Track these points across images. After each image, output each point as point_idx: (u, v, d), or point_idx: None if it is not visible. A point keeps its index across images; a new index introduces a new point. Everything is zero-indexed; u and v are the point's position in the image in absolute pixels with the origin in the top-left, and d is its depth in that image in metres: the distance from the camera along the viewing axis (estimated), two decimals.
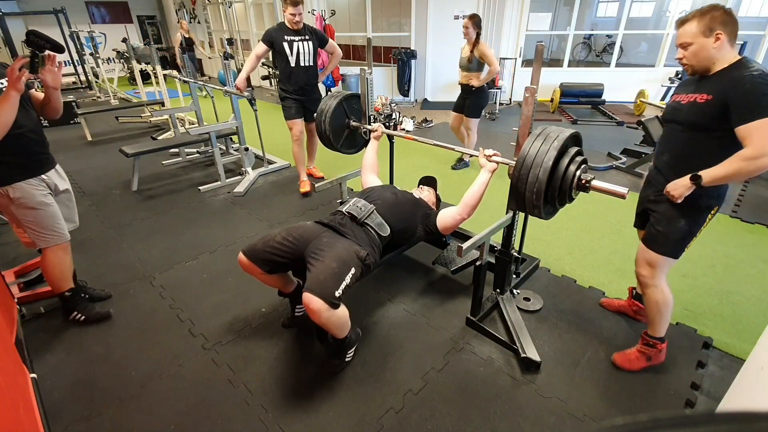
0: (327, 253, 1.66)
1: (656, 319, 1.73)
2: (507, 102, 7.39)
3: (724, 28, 1.36)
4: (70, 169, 4.32)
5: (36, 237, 1.91)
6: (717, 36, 1.36)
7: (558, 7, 10.91)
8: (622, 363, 1.82)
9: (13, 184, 1.78)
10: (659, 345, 1.77)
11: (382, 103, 6.14)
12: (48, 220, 1.91)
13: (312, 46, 3.35)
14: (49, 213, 1.91)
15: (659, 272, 1.66)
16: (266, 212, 3.40)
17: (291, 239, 1.78)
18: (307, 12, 7.18)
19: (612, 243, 2.80)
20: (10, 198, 1.79)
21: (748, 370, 1.42)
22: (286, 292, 2.03)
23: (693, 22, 1.39)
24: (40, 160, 1.90)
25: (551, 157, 1.45)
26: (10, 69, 1.57)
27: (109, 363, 1.91)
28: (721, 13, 1.36)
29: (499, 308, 2.15)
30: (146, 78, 7.78)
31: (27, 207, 1.83)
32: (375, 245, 1.87)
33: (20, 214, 1.84)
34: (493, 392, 1.73)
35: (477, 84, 3.76)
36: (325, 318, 1.52)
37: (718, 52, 1.39)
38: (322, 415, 1.64)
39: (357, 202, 1.98)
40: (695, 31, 1.39)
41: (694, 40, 1.40)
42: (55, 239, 1.95)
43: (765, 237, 2.84)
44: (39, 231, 1.90)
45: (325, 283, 1.53)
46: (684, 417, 0.25)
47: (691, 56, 1.43)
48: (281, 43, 3.24)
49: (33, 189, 1.84)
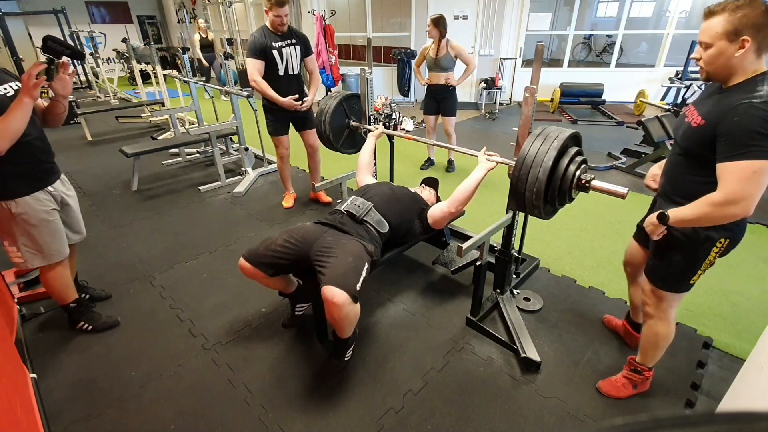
0: (338, 250, 1.67)
1: (649, 351, 1.60)
2: (507, 102, 7.39)
3: (755, 33, 1.08)
4: (70, 169, 4.32)
5: (31, 257, 1.76)
6: (743, 42, 1.10)
7: (558, 7, 10.91)
8: (609, 390, 1.71)
9: (16, 198, 1.64)
10: (647, 373, 1.66)
11: (382, 103, 6.14)
12: (47, 238, 1.76)
13: (299, 51, 3.02)
14: (50, 230, 1.77)
15: (666, 305, 1.50)
16: (266, 212, 3.40)
17: (294, 241, 1.77)
18: (307, 12, 7.18)
19: (612, 243, 2.79)
20: (11, 213, 1.65)
21: (748, 370, 1.43)
22: (286, 292, 2.03)
23: (721, 17, 1.11)
24: (46, 170, 1.77)
25: (551, 157, 1.45)
26: (26, 75, 1.46)
27: (109, 363, 1.91)
28: (760, 12, 1.07)
29: (499, 308, 2.15)
30: (146, 78, 7.78)
31: (28, 224, 1.69)
32: (376, 242, 1.87)
33: (18, 230, 1.69)
34: (493, 392, 1.73)
35: (455, 84, 3.76)
36: (345, 312, 1.53)
37: (741, 62, 1.13)
38: (322, 415, 1.64)
39: (355, 200, 1.98)
40: (719, 31, 1.12)
41: (714, 42, 1.14)
42: (51, 258, 1.82)
43: (765, 237, 2.85)
44: (34, 251, 1.75)
45: (346, 275, 1.55)
46: (684, 417, 0.25)
47: (708, 60, 1.18)
48: (271, 51, 2.91)
49: (37, 204, 1.70)
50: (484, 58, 7.06)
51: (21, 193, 1.65)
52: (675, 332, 1.56)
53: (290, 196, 3.55)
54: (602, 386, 1.73)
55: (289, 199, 3.53)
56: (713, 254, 1.34)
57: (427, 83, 3.89)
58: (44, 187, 1.75)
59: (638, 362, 1.65)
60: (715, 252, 1.34)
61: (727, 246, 1.34)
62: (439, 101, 3.90)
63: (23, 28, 9.25)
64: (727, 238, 1.31)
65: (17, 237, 1.71)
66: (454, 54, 3.68)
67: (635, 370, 1.66)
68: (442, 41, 3.66)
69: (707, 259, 1.35)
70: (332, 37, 6.80)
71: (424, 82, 3.93)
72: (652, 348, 1.59)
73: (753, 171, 1.09)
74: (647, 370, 1.66)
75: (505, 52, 7.08)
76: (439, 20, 3.61)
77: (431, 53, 3.76)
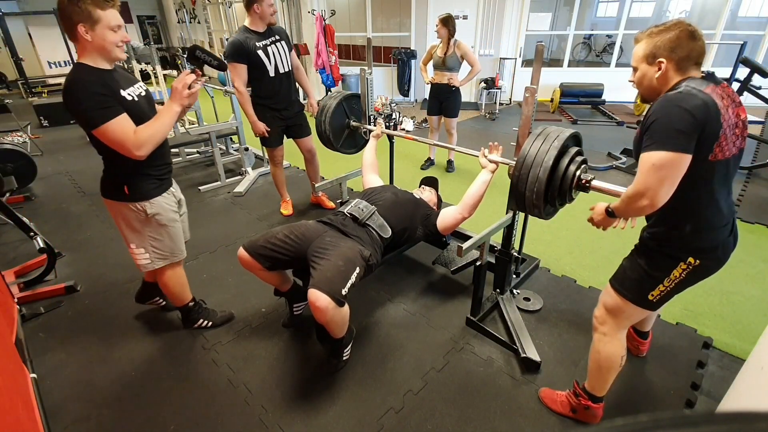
0: (332, 252, 1.66)
1: (593, 372, 1.49)
2: (507, 102, 7.39)
3: (669, 54, 1.14)
4: (70, 169, 4.33)
5: (158, 257, 1.78)
6: (659, 64, 1.16)
7: (558, 7, 10.90)
8: (545, 398, 1.66)
9: (151, 199, 1.66)
10: (585, 400, 1.51)
11: (382, 103, 6.14)
12: (175, 238, 1.80)
13: (286, 47, 2.76)
14: (176, 230, 1.80)
15: (615, 319, 1.40)
16: (266, 212, 3.40)
17: (293, 237, 1.78)
18: (307, 12, 7.18)
19: (612, 243, 2.80)
20: (146, 214, 1.66)
21: (748, 370, 1.43)
22: (282, 290, 2.04)
23: (642, 43, 1.20)
24: (169, 171, 1.77)
25: (551, 157, 1.45)
26: (181, 84, 1.49)
27: (109, 363, 1.91)
28: (673, 36, 1.13)
29: (499, 308, 2.15)
30: (146, 78, 7.76)
31: (160, 224, 1.71)
32: (377, 246, 1.88)
33: (150, 231, 1.71)
34: (493, 392, 1.73)
35: (458, 84, 3.78)
36: (330, 316, 1.53)
37: (664, 82, 1.18)
38: (322, 415, 1.64)
39: (359, 204, 1.99)
40: (640, 55, 1.21)
41: (638, 65, 1.22)
42: (175, 258, 1.84)
43: (765, 237, 2.84)
44: (162, 251, 1.77)
45: (332, 280, 1.54)
46: (684, 417, 0.25)
47: (637, 82, 1.26)
48: (255, 53, 2.60)
49: (167, 205, 1.73)
50: (484, 58, 7.06)
51: (154, 194, 1.67)
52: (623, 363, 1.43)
53: (287, 203, 3.37)
54: (543, 394, 1.68)
55: (287, 206, 3.35)
56: (678, 272, 1.24)
57: (431, 81, 3.89)
58: (169, 188, 1.77)
59: (581, 386, 1.54)
60: (682, 270, 1.24)
61: (697, 268, 1.23)
62: (442, 101, 3.90)
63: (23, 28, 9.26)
64: (698, 259, 1.22)
65: (147, 238, 1.73)
66: (460, 54, 3.70)
67: (576, 393, 1.56)
68: (451, 41, 3.67)
69: (670, 276, 1.26)
70: (332, 37, 6.80)
71: (428, 80, 3.93)
72: (595, 370, 1.47)
73: (651, 163, 1.10)
74: (585, 398, 1.52)
75: (505, 52, 7.08)
76: (448, 19, 3.62)
77: (438, 52, 3.77)
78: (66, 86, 1.42)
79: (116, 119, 1.43)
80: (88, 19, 1.37)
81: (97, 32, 1.39)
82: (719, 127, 1.08)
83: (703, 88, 1.09)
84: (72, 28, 1.37)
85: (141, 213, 1.66)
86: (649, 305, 1.32)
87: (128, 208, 1.65)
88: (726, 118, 1.09)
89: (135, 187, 1.63)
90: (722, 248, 1.24)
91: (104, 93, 1.42)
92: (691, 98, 1.06)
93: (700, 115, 1.05)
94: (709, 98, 1.07)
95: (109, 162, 1.61)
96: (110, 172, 1.64)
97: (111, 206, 1.68)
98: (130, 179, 1.62)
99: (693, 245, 1.22)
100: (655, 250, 1.29)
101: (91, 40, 1.40)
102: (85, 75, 1.42)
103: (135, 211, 1.65)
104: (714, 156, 1.11)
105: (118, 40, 1.44)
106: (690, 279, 1.26)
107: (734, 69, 3.88)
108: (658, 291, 1.29)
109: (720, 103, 1.08)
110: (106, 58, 1.46)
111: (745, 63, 3.73)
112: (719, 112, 1.07)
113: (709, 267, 1.25)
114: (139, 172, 1.62)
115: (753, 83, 3.83)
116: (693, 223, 1.20)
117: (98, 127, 1.41)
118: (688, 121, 1.05)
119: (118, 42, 1.45)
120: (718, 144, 1.10)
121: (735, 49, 3.97)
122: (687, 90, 1.09)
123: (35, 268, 2.51)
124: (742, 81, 3.83)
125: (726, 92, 1.14)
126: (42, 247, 2.34)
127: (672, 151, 1.07)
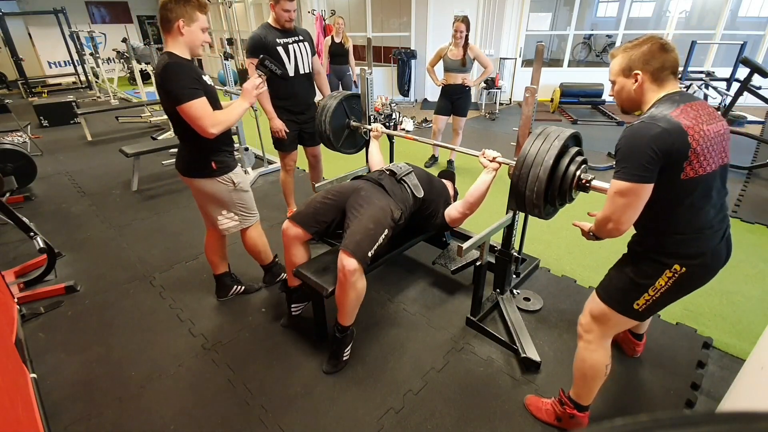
0: (365, 210, 1.79)
1: (578, 381, 1.48)
2: (507, 102, 7.39)
3: (644, 66, 1.19)
4: (70, 169, 4.34)
5: (244, 219, 2.07)
6: (635, 76, 1.21)
7: (558, 7, 10.90)
8: (530, 406, 1.64)
9: (234, 171, 1.95)
10: (570, 409, 1.50)
11: (382, 103, 6.14)
12: (252, 201, 2.10)
13: (309, 48, 2.72)
14: (251, 194, 2.10)
15: (600, 327, 1.38)
16: (267, 212, 3.39)
17: (331, 196, 1.94)
18: (307, 12, 7.18)
19: (612, 243, 2.76)
20: (234, 183, 1.94)
21: (748, 370, 1.43)
22: (291, 285, 2.06)
23: (618, 57, 1.25)
24: (234, 149, 2.07)
25: (552, 157, 1.45)
26: (251, 86, 1.81)
27: (109, 363, 1.91)
28: (645, 50, 1.18)
29: (499, 308, 2.15)
30: (146, 78, 7.77)
31: (243, 191, 2.01)
32: (407, 205, 1.96)
33: (237, 198, 1.99)
34: (493, 392, 1.73)
35: (472, 84, 3.80)
36: (352, 281, 1.64)
37: (641, 94, 1.22)
38: (322, 415, 1.64)
39: (398, 163, 2.12)
40: (617, 69, 1.25)
41: (616, 79, 1.27)
42: (255, 217, 2.15)
43: (765, 237, 2.84)
44: (247, 213, 2.08)
45: (360, 243, 1.67)
46: (684, 417, 0.25)
47: (615, 95, 1.30)
48: (275, 48, 2.54)
49: (242, 173, 2.02)
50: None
51: (234, 167, 1.96)
52: (608, 372, 1.43)
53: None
54: (529, 401, 1.66)
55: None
56: (664, 280, 1.23)
57: (443, 83, 3.87)
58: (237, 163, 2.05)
59: (567, 394, 1.53)
60: (668, 278, 1.23)
61: (684, 277, 1.22)
62: (453, 101, 3.90)
63: (23, 28, 9.26)
64: (684, 266, 1.21)
65: (237, 205, 2.01)
66: (473, 56, 3.70)
67: (561, 401, 1.54)
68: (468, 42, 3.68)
69: (656, 284, 1.24)
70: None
71: (439, 82, 3.90)
72: (580, 378, 1.46)
73: (614, 191, 1.16)
74: (570, 407, 1.50)
75: (505, 52, 7.08)
76: (467, 19, 3.65)
77: (450, 54, 3.74)
78: (164, 66, 1.65)
79: (200, 99, 1.69)
80: (188, 18, 1.66)
81: (192, 29, 1.68)
82: (687, 148, 1.09)
83: (671, 111, 1.12)
84: (172, 22, 1.64)
85: (230, 184, 1.93)
86: (635, 315, 1.31)
87: (218, 183, 1.90)
88: (697, 137, 1.10)
89: (221, 162, 1.89)
90: (711, 254, 1.23)
91: (195, 77, 1.69)
92: (652, 128, 1.09)
93: (661, 145, 1.08)
94: (674, 123, 1.09)
95: (196, 144, 1.82)
96: (196, 153, 1.86)
97: (199, 184, 1.90)
98: (216, 155, 1.88)
99: (680, 251, 1.22)
100: (641, 256, 1.30)
101: (184, 35, 1.68)
102: (182, 60, 1.69)
103: (224, 183, 1.92)
104: (686, 174, 1.12)
105: (204, 39, 1.74)
106: (676, 289, 1.25)
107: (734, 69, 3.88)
108: (644, 300, 1.28)
109: (688, 123, 1.10)
110: (191, 51, 1.74)
111: (745, 63, 3.73)
112: (685, 133, 1.09)
113: (696, 275, 1.24)
114: (221, 149, 1.89)
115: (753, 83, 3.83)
116: (678, 232, 1.21)
117: (185, 103, 1.65)
118: (647, 153, 1.09)
119: (204, 41, 1.74)
120: (689, 163, 1.11)
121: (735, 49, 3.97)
122: (651, 117, 1.12)
123: (35, 268, 2.51)
124: (742, 81, 3.83)
125: (703, 110, 1.15)
126: (42, 247, 2.34)
127: (631, 182, 1.12)
